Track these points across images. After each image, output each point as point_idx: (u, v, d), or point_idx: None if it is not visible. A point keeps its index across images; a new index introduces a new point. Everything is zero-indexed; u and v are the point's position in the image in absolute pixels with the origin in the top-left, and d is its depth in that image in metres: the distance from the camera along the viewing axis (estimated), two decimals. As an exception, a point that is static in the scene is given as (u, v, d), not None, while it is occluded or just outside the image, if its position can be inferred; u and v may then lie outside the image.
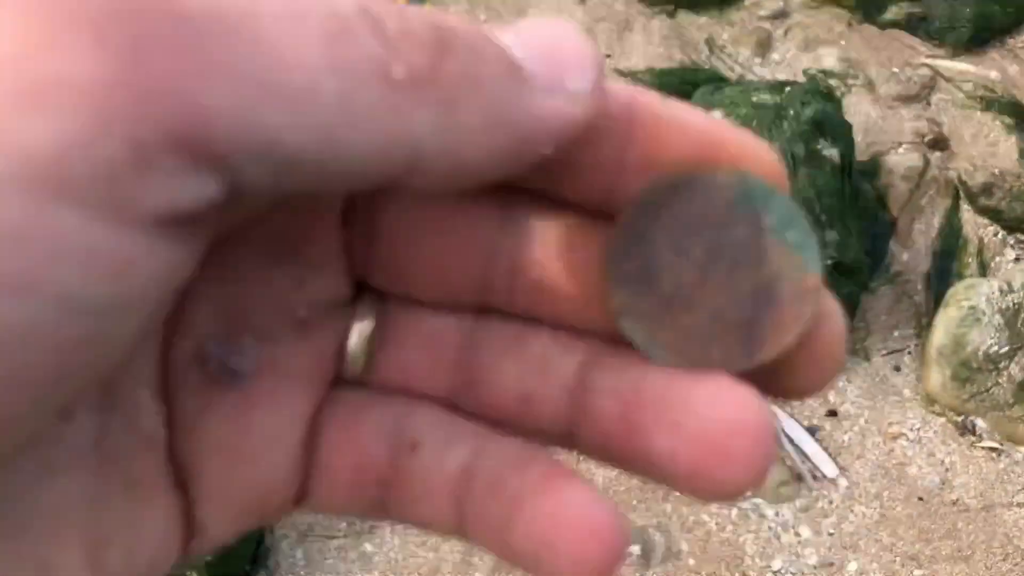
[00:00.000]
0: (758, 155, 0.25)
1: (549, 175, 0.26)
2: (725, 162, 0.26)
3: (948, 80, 2.07)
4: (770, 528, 1.60)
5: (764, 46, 2.12)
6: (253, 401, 0.26)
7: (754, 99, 1.70)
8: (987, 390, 1.68)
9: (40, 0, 0.18)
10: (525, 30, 0.23)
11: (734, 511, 1.61)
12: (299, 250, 0.26)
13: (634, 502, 1.61)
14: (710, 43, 2.11)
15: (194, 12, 0.19)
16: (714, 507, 1.60)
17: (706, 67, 2.06)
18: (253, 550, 1.51)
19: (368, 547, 1.56)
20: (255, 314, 0.26)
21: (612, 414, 0.26)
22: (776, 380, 0.26)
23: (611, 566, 0.25)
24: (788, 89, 1.71)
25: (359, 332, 0.28)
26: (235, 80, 0.19)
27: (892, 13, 2.14)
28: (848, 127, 1.73)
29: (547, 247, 0.26)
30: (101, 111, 0.17)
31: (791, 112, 1.66)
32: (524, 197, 0.27)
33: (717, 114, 1.68)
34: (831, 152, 1.67)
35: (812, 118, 1.67)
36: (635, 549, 1.54)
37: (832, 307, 0.26)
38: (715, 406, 0.24)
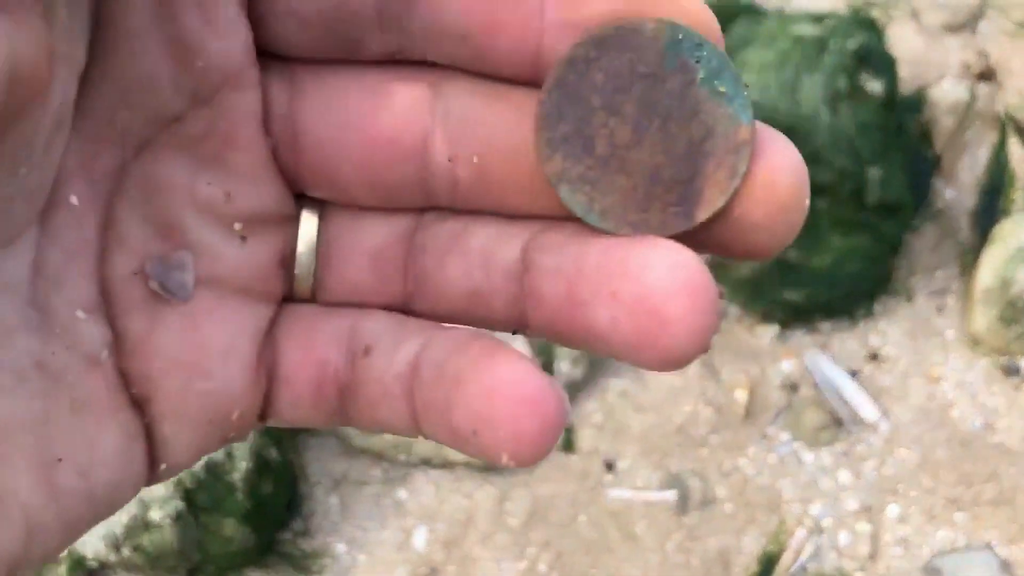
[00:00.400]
0: (685, 4, 0.25)
1: (472, 47, 0.25)
2: (651, 13, 0.25)
3: (996, 7, 1.98)
4: (809, 473, 1.58)
5: (803, -26, 2.04)
6: (200, 316, 0.26)
7: (794, 31, 1.63)
8: (1034, 331, 1.64)
9: None
10: None
11: (772, 455, 1.58)
12: (222, 158, 0.26)
13: (671, 447, 1.59)
14: (747, -28, 2.03)
15: None
16: (751, 452, 1.58)
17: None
18: (288, 498, 1.51)
19: (402, 494, 1.55)
20: (189, 229, 0.26)
21: (556, 293, 0.25)
22: (734, 238, 0.26)
23: (548, 438, 0.25)
24: (829, 20, 1.64)
25: (303, 249, 0.28)
26: None
27: (938, -63, 2.05)
28: (892, 60, 1.66)
29: (482, 127, 0.26)
30: None
31: (833, 45, 1.60)
32: (451, 77, 0.26)
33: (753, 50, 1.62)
34: (874, 86, 1.60)
35: (855, 51, 1.60)
36: (671, 495, 1.53)
37: (783, 156, 0.25)
38: (650, 271, 0.24)
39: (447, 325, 0.28)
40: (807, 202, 0.25)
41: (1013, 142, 1.85)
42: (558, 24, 0.25)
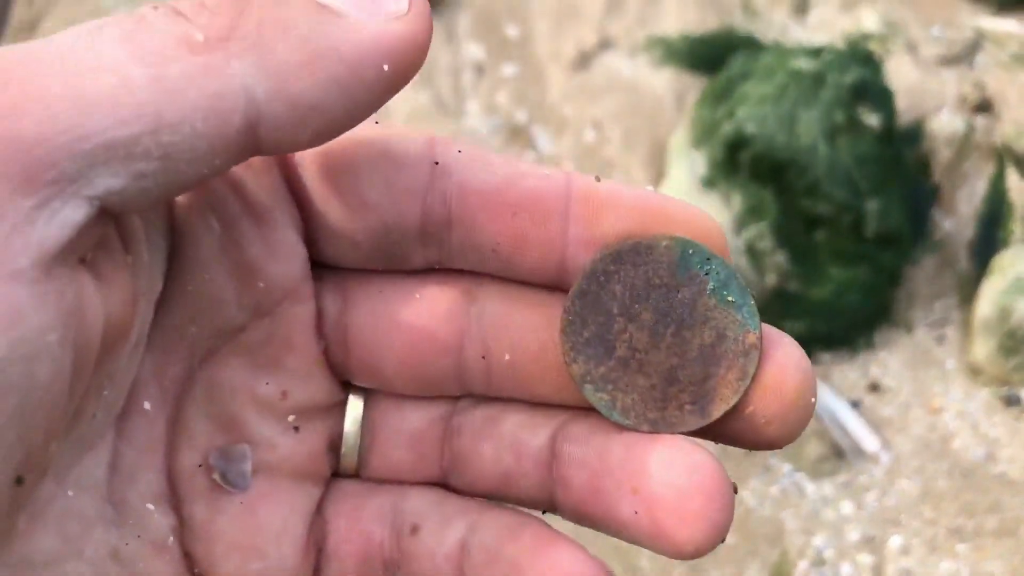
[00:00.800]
0: (696, 221, 0.28)
1: (503, 259, 0.28)
2: (665, 229, 0.28)
3: (992, 40, 2.00)
4: (811, 504, 1.58)
5: (801, 7, 2.06)
6: (257, 502, 0.29)
7: (792, 66, 1.65)
8: (1034, 361, 1.64)
9: None
10: None
11: (774, 487, 1.59)
12: (279, 361, 0.29)
13: (672, 479, 1.59)
14: (745, 6, 2.06)
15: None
16: (753, 483, 1.58)
17: (741, 31, 2.01)
18: None
19: None
20: (248, 424, 0.29)
21: (582, 482, 0.28)
22: (747, 432, 0.29)
23: None
24: (827, 55, 1.66)
25: (349, 430, 0.30)
26: (49, 102, 0.20)
27: (934, -29, 2.07)
28: (889, 94, 1.68)
29: (512, 329, 0.29)
30: None
31: (830, 79, 1.62)
32: (485, 283, 0.29)
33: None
34: (872, 120, 1.62)
35: (852, 85, 1.62)
36: (674, 527, 1.52)
37: (789, 357, 0.29)
38: (669, 470, 0.27)
39: (490, 504, 0.30)
40: (814, 399, 0.28)
41: (1011, 173, 1.86)
42: (580, 240, 0.28)
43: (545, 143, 1.91)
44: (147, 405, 0.27)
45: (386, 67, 0.24)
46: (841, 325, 1.68)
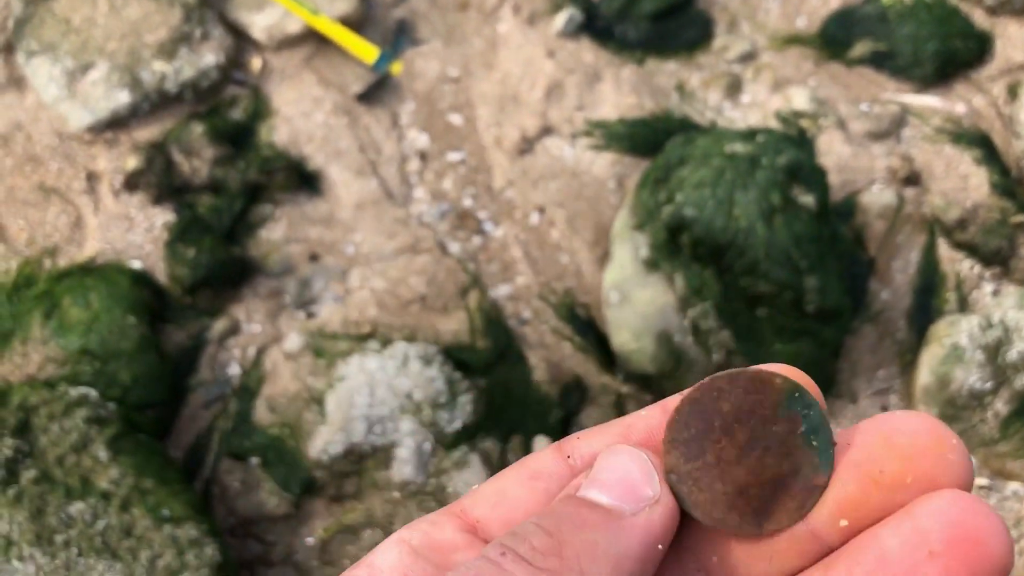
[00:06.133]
0: (807, 379, 0.34)
1: None
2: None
3: (916, 115, 2.09)
4: None
5: (734, 89, 2.13)
6: None
7: (727, 149, 1.70)
8: (973, 427, 1.69)
9: None
10: (600, 473, 0.33)
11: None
12: None
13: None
14: (680, 89, 2.12)
15: None
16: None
17: (677, 114, 2.07)
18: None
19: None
20: None
21: None
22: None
23: None
24: (761, 138, 1.72)
25: None
26: None
27: (857, 50, 2.16)
28: (822, 173, 1.74)
29: None
30: None
31: (764, 161, 1.67)
32: None
33: (685, 171, 1.68)
34: (807, 199, 1.68)
35: (786, 166, 1.67)
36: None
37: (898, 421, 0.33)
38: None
39: None
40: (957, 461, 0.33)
41: (941, 243, 1.93)
42: None
43: (492, 227, 1.94)
44: None
45: (661, 547, 0.31)
46: (787, 399, 1.71)
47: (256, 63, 2.06)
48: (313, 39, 2.08)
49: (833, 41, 2.19)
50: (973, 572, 0.29)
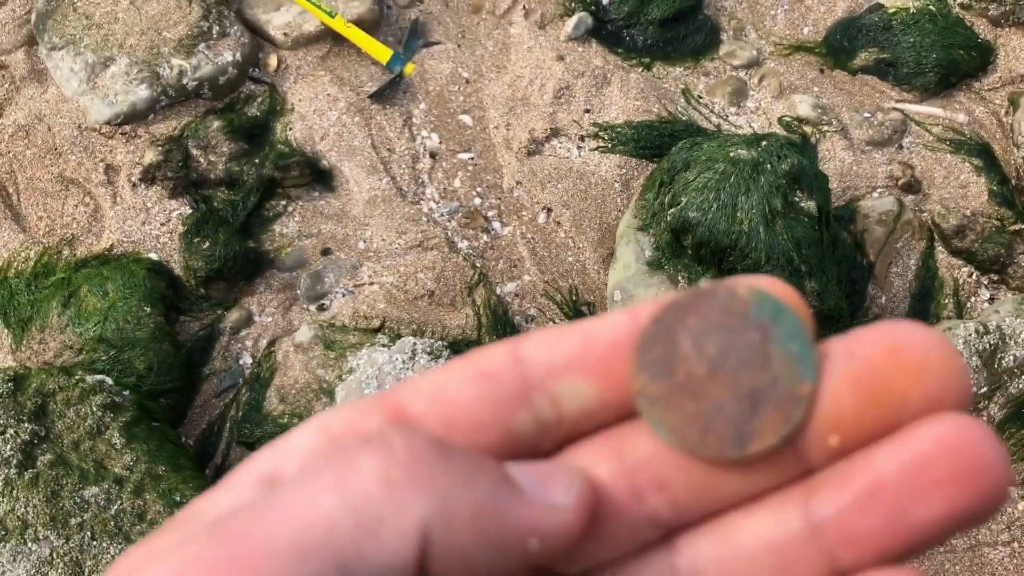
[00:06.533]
0: (767, 282, 0.31)
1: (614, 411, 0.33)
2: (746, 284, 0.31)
3: (918, 123, 2.13)
4: None
5: (739, 95, 2.17)
6: None
7: (731, 154, 1.74)
8: (968, 430, 1.72)
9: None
10: (525, 466, 0.31)
11: None
12: None
13: None
14: (686, 94, 2.16)
15: (240, 526, 0.27)
16: None
17: (683, 118, 2.11)
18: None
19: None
20: None
21: (874, 522, 0.29)
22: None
23: None
24: (765, 143, 1.76)
25: None
26: (275, 559, 0.27)
27: (861, 59, 2.20)
28: (824, 179, 1.78)
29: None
30: None
31: (768, 166, 1.71)
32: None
33: (690, 175, 1.73)
34: (808, 204, 1.72)
35: (789, 172, 1.71)
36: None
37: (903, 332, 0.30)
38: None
39: None
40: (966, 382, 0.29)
41: (940, 250, 1.97)
42: None
43: (499, 226, 1.98)
44: None
45: (534, 543, 0.29)
46: (786, 399, 1.75)
47: (273, 61, 2.11)
48: (329, 38, 2.12)
49: (838, 49, 2.22)
50: (976, 505, 0.27)
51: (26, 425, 1.51)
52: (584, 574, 0.32)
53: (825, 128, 2.11)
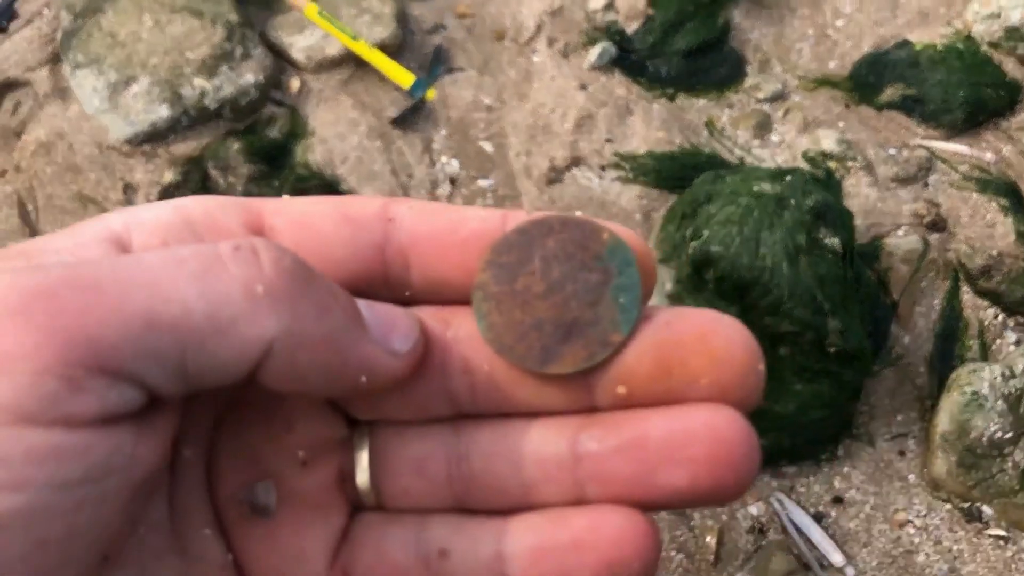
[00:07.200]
0: (637, 238, 0.33)
1: (457, 289, 0.34)
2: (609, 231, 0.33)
3: (944, 161, 2.10)
4: (778, 619, 1.59)
5: (763, 128, 2.15)
6: (279, 528, 0.33)
7: (755, 188, 1.72)
8: (992, 476, 1.68)
9: None
10: (375, 305, 0.32)
11: (742, 602, 1.60)
12: (285, 402, 0.34)
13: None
14: (710, 126, 2.14)
15: (97, 275, 0.27)
16: (722, 598, 1.60)
17: (706, 150, 2.09)
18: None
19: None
20: (265, 460, 0.34)
21: (628, 469, 0.31)
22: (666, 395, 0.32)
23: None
24: (789, 178, 1.73)
25: (359, 464, 0.34)
26: (126, 318, 0.27)
27: (887, 95, 2.18)
28: (849, 215, 1.75)
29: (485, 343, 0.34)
30: (35, 366, 0.25)
31: (792, 202, 1.69)
32: (457, 311, 0.34)
33: (710, 207, 1.70)
34: (832, 241, 1.69)
35: (813, 208, 1.69)
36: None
37: (714, 321, 0.32)
38: (712, 428, 0.31)
39: (512, 518, 0.33)
40: (761, 367, 0.32)
41: (965, 290, 1.94)
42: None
43: (518, 255, 1.96)
44: (187, 453, 0.33)
45: (364, 380, 0.31)
46: (805, 439, 1.72)
47: (295, 84, 2.10)
48: (351, 62, 2.12)
49: (864, 84, 2.20)
50: (716, 490, 0.30)
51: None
52: (369, 423, 0.34)
53: (850, 164, 2.08)
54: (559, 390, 0.32)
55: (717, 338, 0.31)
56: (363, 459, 0.33)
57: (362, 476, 0.33)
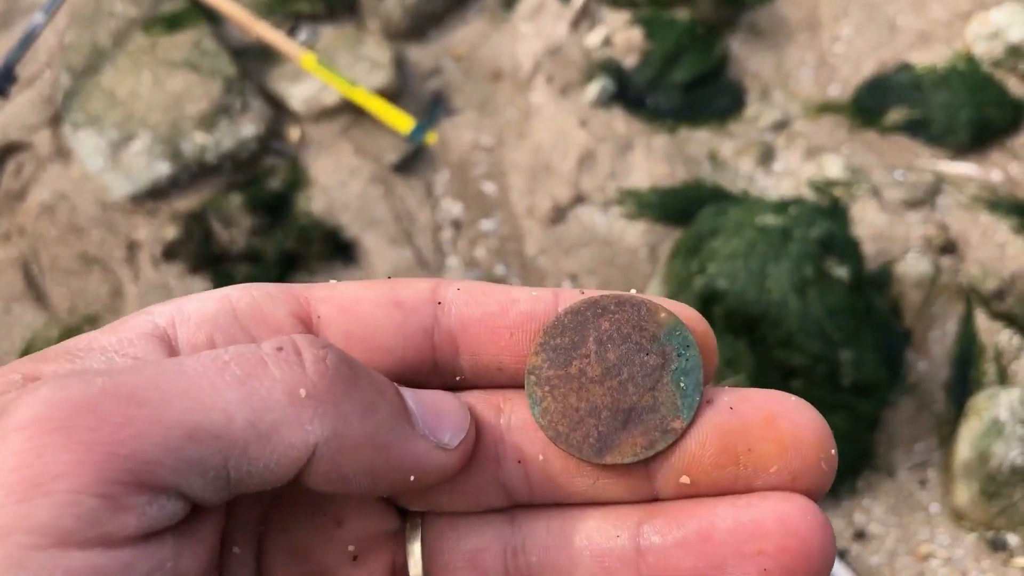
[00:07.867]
0: (695, 317, 0.32)
1: (507, 374, 0.33)
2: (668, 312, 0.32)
3: (951, 183, 2.08)
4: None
5: (766, 157, 2.14)
6: None
7: (759, 222, 1.70)
8: (1014, 504, 1.65)
9: (35, 424, 0.25)
10: (424, 394, 0.31)
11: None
12: (332, 500, 0.33)
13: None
14: (712, 158, 2.13)
15: (138, 384, 0.26)
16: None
17: (709, 182, 2.07)
18: None
19: None
20: (315, 555, 0.33)
21: (687, 565, 0.30)
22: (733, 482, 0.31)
23: None
24: (793, 209, 1.72)
25: (412, 557, 0.33)
26: (166, 430, 0.26)
27: (891, 118, 2.16)
28: (856, 245, 1.73)
29: (539, 433, 0.32)
30: (74, 485, 0.24)
31: (797, 234, 1.67)
32: (510, 396, 0.33)
33: (716, 241, 1.69)
34: (840, 271, 1.67)
35: (819, 239, 1.67)
36: None
37: (786, 406, 0.31)
38: (786, 523, 0.29)
39: None
40: (833, 451, 0.31)
41: (979, 313, 1.90)
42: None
43: (524, 295, 1.94)
44: (236, 550, 0.32)
45: (412, 479, 0.30)
46: (823, 473, 1.69)
47: (294, 134, 2.11)
48: (350, 110, 2.12)
49: (867, 109, 2.19)
50: None
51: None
52: (421, 515, 0.33)
53: (856, 189, 2.06)
54: (618, 479, 0.31)
55: (785, 422, 0.30)
56: (416, 551, 0.33)
57: (415, 569, 0.33)
